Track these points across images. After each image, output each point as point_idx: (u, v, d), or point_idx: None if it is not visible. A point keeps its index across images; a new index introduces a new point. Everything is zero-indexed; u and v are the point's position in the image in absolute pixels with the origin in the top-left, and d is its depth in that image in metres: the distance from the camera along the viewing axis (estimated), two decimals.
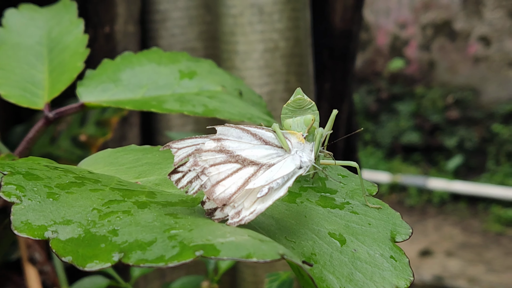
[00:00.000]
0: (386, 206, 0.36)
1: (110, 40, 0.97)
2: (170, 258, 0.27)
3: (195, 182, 0.32)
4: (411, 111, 3.28)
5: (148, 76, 0.56)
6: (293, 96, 0.38)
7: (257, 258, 0.26)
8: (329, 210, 0.35)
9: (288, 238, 0.32)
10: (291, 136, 0.34)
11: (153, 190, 0.35)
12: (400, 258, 0.33)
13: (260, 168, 0.33)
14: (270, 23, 0.95)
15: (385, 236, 0.34)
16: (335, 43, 1.08)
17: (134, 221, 0.30)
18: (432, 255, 2.45)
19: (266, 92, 0.96)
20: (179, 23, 1.01)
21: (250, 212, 0.31)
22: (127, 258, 0.27)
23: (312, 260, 0.31)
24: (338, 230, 0.33)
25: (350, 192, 0.36)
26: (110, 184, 0.35)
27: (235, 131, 0.34)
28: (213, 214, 0.32)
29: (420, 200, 2.98)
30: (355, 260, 0.32)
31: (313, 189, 0.36)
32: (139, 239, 0.28)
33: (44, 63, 0.57)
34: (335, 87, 1.10)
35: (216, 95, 0.55)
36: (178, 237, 0.28)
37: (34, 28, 0.59)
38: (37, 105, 0.54)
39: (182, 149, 0.33)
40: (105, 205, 0.32)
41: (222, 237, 0.28)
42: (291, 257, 0.27)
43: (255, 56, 0.96)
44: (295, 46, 0.96)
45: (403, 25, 3.29)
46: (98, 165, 0.41)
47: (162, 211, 0.31)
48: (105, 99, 0.54)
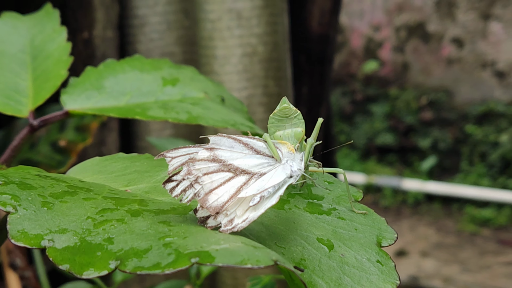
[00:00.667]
0: (371, 212, 0.37)
1: (89, 45, 0.97)
2: (167, 265, 0.28)
3: (189, 190, 0.33)
4: (386, 113, 3.30)
5: (131, 84, 0.57)
6: (279, 106, 0.39)
7: (251, 264, 0.27)
8: (316, 216, 0.36)
9: (278, 244, 0.33)
10: (281, 146, 0.35)
11: (144, 198, 0.35)
12: (386, 263, 0.34)
13: (252, 177, 0.34)
14: (248, 28, 0.96)
15: (372, 241, 0.35)
16: (312, 48, 1.09)
17: (128, 229, 0.31)
18: (407, 256, 2.47)
19: (244, 96, 0.97)
20: (157, 28, 1.02)
21: (243, 220, 0.32)
22: (124, 265, 0.28)
23: (302, 265, 0.32)
24: (326, 235, 0.34)
25: (336, 198, 0.37)
26: (102, 192, 0.35)
27: (228, 141, 0.35)
28: (206, 222, 0.33)
29: (395, 201, 3.00)
30: (343, 265, 0.33)
31: (301, 196, 0.37)
32: (135, 247, 0.29)
33: (28, 71, 0.57)
34: (313, 91, 1.11)
35: (199, 102, 0.56)
36: (173, 244, 0.29)
37: (17, 36, 0.59)
38: (21, 113, 0.54)
39: (176, 158, 0.34)
40: (99, 214, 0.32)
41: (216, 244, 0.29)
42: (284, 262, 0.28)
43: (234, 60, 0.96)
44: (273, 51, 0.97)
45: (377, 27, 3.31)
46: (87, 173, 0.42)
47: (155, 219, 0.32)
48: (89, 106, 0.55)
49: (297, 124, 0.39)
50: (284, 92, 0.98)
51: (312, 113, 1.11)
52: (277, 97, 0.97)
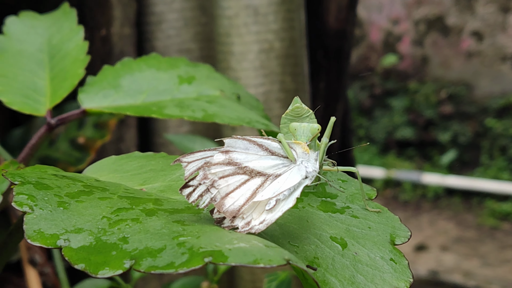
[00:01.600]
0: (385, 210, 0.37)
1: (107, 42, 0.98)
2: (180, 265, 0.28)
3: (205, 195, 0.33)
4: (405, 107, 3.29)
5: (148, 82, 0.57)
6: (292, 105, 0.39)
7: (264, 264, 0.27)
8: (330, 215, 0.36)
9: (292, 243, 0.33)
10: (296, 146, 0.35)
11: (159, 197, 0.36)
12: (400, 261, 0.34)
13: (267, 179, 0.34)
14: (265, 24, 0.96)
15: (385, 239, 0.35)
16: (329, 43, 1.09)
17: (143, 229, 0.31)
18: (427, 250, 2.47)
19: (261, 92, 0.97)
20: (174, 24, 1.02)
21: (260, 222, 0.32)
22: (138, 265, 0.29)
23: (315, 264, 0.32)
24: (340, 234, 0.35)
25: (350, 196, 0.38)
26: (117, 192, 0.36)
27: (242, 143, 0.35)
28: (222, 222, 0.33)
29: (415, 195, 3.00)
30: (357, 263, 0.33)
31: (314, 194, 0.37)
32: (149, 246, 0.30)
33: (46, 70, 0.58)
34: (330, 87, 1.11)
35: (215, 99, 0.56)
36: (187, 244, 0.29)
37: (35, 36, 0.60)
38: (39, 111, 0.55)
39: (192, 163, 0.34)
40: (114, 213, 0.33)
41: (230, 244, 0.29)
42: (296, 262, 0.28)
43: (251, 57, 0.97)
44: (290, 47, 0.97)
45: (396, 21, 3.30)
46: (103, 172, 0.42)
47: (169, 218, 0.32)
48: (106, 105, 0.55)
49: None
50: (301, 88, 0.98)
51: (329, 108, 1.11)
52: (294, 93, 0.97)
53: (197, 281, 0.74)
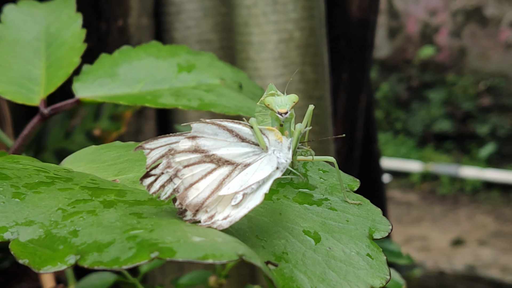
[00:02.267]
0: (367, 202, 0.35)
1: (124, 33, 0.96)
2: (125, 260, 0.26)
3: (168, 186, 0.31)
4: (443, 99, 3.24)
5: (146, 70, 0.56)
6: (266, 93, 0.37)
7: (213, 259, 0.26)
8: (306, 207, 0.34)
9: (260, 237, 0.31)
10: (269, 133, 0.33)
11: (125, 188, 0.34)
12: (377, 256, 0.32)
13: (236, 168, 0.32)
14: (284, 13, 0.94)
15: (363, 233, 0.33)
16: (352, 32, 1.07)
17: (96, 221, 0.29)
18: (464, 244, 2.43)
19: (281, 83, 0.95)
20: (193, 15, 1.01)
21: (224, 217, 0.30)
22: (83, 260, 0.27)
23: (283, 260, 0.30)
24: (314, 227, 0.33)
25: (330, 188, 0.35)
26: (81, 182, 0.34)
27: (211, 128, 0.32)
28: (185, 214, 0.31)
29: (453, 188, 2.95)
30: (329, 258, 0.31)
31: (291, 185, 0.35)
32: (98, 240, 0.28)
33: (42, 58, 0.56)
34: (353, 77, 1.08)
35: (213, 88, 0.54)
36: (137, 238, 0.28)
37: (33, 24, 0.59)
38: (32, 101, 0.53)
39: (155, 150, 0.32)
40: (71, 205, 0.31)
41: (183, 238, 0.27)
42: (250, 257, 0.26)
43: (270, 47, 0.95)
44: (310, 36, 0.95)
45: (433, 12, 3.25)
46: (81, 162, 0.41)
47: (127, 211, 0.31)
48: (101, 94, 0.54)
49: None
50: (322, 79, 0.96)
51: (352, 100, 1.09)
52: (314, 83, 0.95)
53: (205, 276, 0.72)
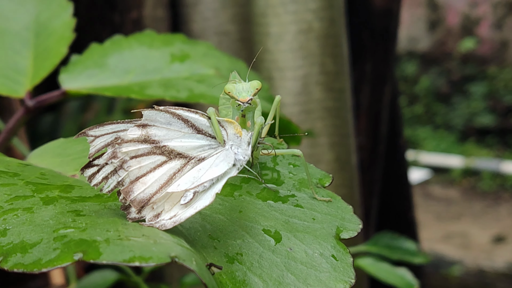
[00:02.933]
0: (338, 199, 0.32)
1: (138, 25, 0.94)
2: (46, 263, 0.24)
3: (111, 178, 0.28)
4: (484, 93, 3.18)
5: (137, 61, 0.54)
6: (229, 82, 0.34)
7: (139, 262, 0.23)
8: (269, 204, 0.31)
9: (213, 237, 0.29)
10: (228, 125, 0.30)
11: (75, 184, 0.32)
12: (343, 258, 0.29)
13: (188, 162, 0.29)
14: (303, 3, 0.91)
15: (329, 233, 0.30)
16: (375, 23, 1.04)
17: (29, 220, 0.27)
18: (505, 241, 2.38)
19: (300, 75, 0.92)
20: (211, 6, 0.98)
21: (170, 217, 0.27)
22: (5, 262, 0.25)
23: (237, 261, 0.28)
24: (275, 226, 0.30)
25: (298, 183, 0.33)
26: (28, 177, 0.32)
27: (164, 116, 0.29)
28: (129, 211, 0.28)
29: (494, 184, 2.89)
30: (289, 260, 0.28)
31: (256, 181, 0.33)
32: (25, 239, 0.25)
33: (30, 49, 0.54)
34: (377, 69, 1.05)
35: (206, 79, 0.52)
36: (65, 238, 0.25)
37: (23, 13, 0.57)
38: (18, 93, 0.51)
39: (100, 137, 0.29)
40: (9, 202, 0.29)
41: (114, 238, 0.25)
42: (184, 260, 0.24)
43: (288, 37, 0.92)
44: (330, 27, 0.92)
45: (474, 4, 3.19)
46: (46, 156, 0.38)
47: (67, 208, 0.28)
48: (88, 85, 0.51)
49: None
50: (341, 70, 0.93)
51: (376, 92, 1.06)
52: (334, 75, 0.92)
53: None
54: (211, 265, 0.26)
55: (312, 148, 0.93)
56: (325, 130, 0.93)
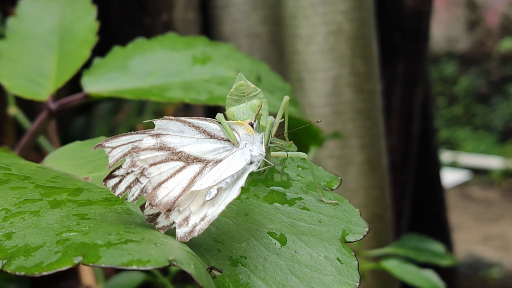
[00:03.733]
0: (345, 202, 0.32)
1: (169, 28, 0.95)
2: (47, 266, 0.24)
3: (134, 187, 0.29)
4: None
5: (159, 63, 0.54)
6: (235, 84, 0.34)
7: (137, 265, 0.23)
8: (276, 207, 0.31)
9: (218, 240, 0.29)
10: (238, 127, 0.30)
11: (84, 187, 0.32)
12: (348, 261, 0.29)
13: (206, 165, 0.29)
14: (332, 4, 0.91)
15: (335, 236, 0.30)
16: (406, 24, 1.03)
17: (35, 223, 0.27)
18: None
19: (330, 77, 0.92)
20: (242, 8, 0.98)
21: (201, 218, 0.28)
22: (9, 265, 0.25)
23: (240, 264, 0.28)
24: (281, 229, 0.30)
25: (306, 186, 0.32)
26: (39, 181, 0.32)
27: (176, 125, 0.30)
28: (156, 221, 0.28)
29: None
30: (294, 263, 0.28)
31: (264, 183, 0.33)
32: (29, 243, 0.26)
33: (54, 52, 0.55)
34: (409, 70, 1.04)
35: (226, 81, 0.52)
36: (68, 241, 0.25)
37: (47, 17, 0.57)
38: (41, 96, 0.52)
39: (117, 148, 0.29)
40: (18, 205, 0.29)
41: (116, 241, 0.25)
42: (182, 263, 0.24)
43: (318, 39, 0.92)
44: (359, 28, 0.92)
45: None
46: (62, 158, 0.39)
47: (73, 211, 0.28)
48: (111, 88, 0.52)
49: None
50: (371, 71, 0.92)
51: (408, 93, 1.05)
52: (365, 77, 0.92)
53: None
54: (211, 268, 0.26)
55: (342, 150, 0.93)
56: (356, 131, 0.93)
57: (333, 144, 0.92)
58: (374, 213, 0.94)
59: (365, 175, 0.93)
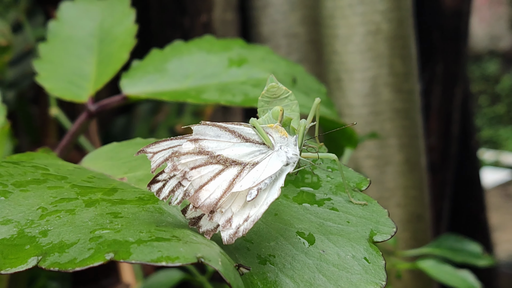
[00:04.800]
0: (374, 203, 0.32)
1: (208, 29, 0.96)
2: (80, 262, 0.25)
3: (177, 190, 0.30)
4: None
5: (196, 66, 0.55)
6: (266, 85, 0.35)
7: (166, 262, 0.24)
8: (305, 207, 0.32)
9: (247, 239, 0.30)
10: (272, 130, 0.31)
11: (119, 187, 0.33)
12: (375, 260, 0.29)
13: (244, 168, 0.30)
14: (371, 4, 0.91)
15: (363, 236, 0.30)
16: (445, 23, 1.03)
17: (70, 221, 0.28)
18: None
19: (369, 77, 0.92)
20: (280, 8, 0.99)
21: (244, 219, 0.28)
22: (44, 261, 0.26)
23: (269, 262, 0.29)
24: (309, 229, 0.30)
25: (335, 187, 0.33)
26: (75, 180, 0.33)
27: (212, 130, 0.31)
28: (198, 224, 0.29)
29: None
30: (321, 262, 0.29)
31: (294, 184, 0.33)
32: (64, 240, 0.27)
33: (94, 55, 0.56)
34: (448, 70, 1.04)
35: (262, 83, 0.53)
36: (100, 238, 0.26)
37: (87, 20, 0.59)
38: (81, 98, 0.53)
39: (158, 154, 0.30)
40: (54, 204, 0.30)
41: (146, 238, 0.26)
42: (210, 260, 0.25)
43: (356, 39, 0.92)
44: (398, 28, 0.92)
45: None
46: (99, 159, 0.40)
47: (106, 210, 0.30)
48: (149, 90, 0.53)
49: (289, 106, 0.35)
50: (410, 71, 0.93)
51: (447, 93, 1.05)
52: (403, 76, 0.92)
53: None
54: (239, 266, 0.27)
55: (381, 150, 0.93)
56: (394, 131, 0.93)
57: (371, 144, 0.93)
58: (413, 213, 0.94)
59: (404, 175, 0.93)
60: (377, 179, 0.94)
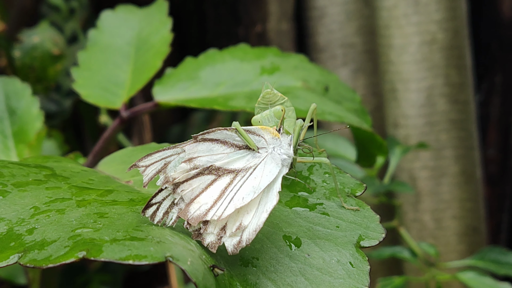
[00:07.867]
0: (366, 208, 0.32)
1: (263, 39, 0.97)
2: (54, 259, 0.26)
3: (171, 211, 0.30)
4: None
5: (228, 73, 0.55)
6: (262, 92, 0.35)
7: (133, 260, 0.25)
8: (295, 211, 0.32)
9: None
10: (263, 132, 0.31)
11: (114, 189, 0.34)
12: (360, 265, 0.29)
13: (237, 175, 0.30)
14: (426, 14, 0.90)
15: (350, 241, 0.30)
16: (504, 34, 1.01)
17: (57, 220, 0.29)
18: None
19: (424, 87, 0.91)
20: (336, 18, 0.99)
21: (237, 227, 0.29)
22: (23, 257, 0.27)
23: (251, 264, 0.29)
24: (297, 233, 0.31)
25: (329, 192, 0.33)
26: (76, 182, 0.34)
27: (204, 145, 0.31)
28: (202, 238, 0.29)
29: None
30: (305, 266, 0.29)
31: (288, 189, 0.33)
32: (46, 238, 0.28)
33: (130, 63, 0.58)
34: (507, 80, 1.02)
35: (291, 91, 0.53)
36: (79, 236, 0.27)
37: (126, 29, 0.60)
38: (114, 105, 0.55)
39: (150, 166, 0.30)
40: (47, 204, 0.31)
41: (121, 238, 0.27)
42: (178, 259, 0.25)
43: (411, 49, 0.91)
44: (454, 38, 0.91)
45: None
46: (113, 163, 0.41)
47: (94, 210, 0.30)
48: (180, 97, 0.54)
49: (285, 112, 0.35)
50: (465, 82, 0.91)
51: (506, 104, 1.03)
52: (459, 87, 0.91)
53: None
54: (214, 267, 0.27)
55: (437, 161, 0.92)
56: (450, 142, 0.92)
57: (426, 155, 0.92)
58: (469, 225, 0.93)
59: (460, 186, 0.92)
60: (432, 191, 0.93)
